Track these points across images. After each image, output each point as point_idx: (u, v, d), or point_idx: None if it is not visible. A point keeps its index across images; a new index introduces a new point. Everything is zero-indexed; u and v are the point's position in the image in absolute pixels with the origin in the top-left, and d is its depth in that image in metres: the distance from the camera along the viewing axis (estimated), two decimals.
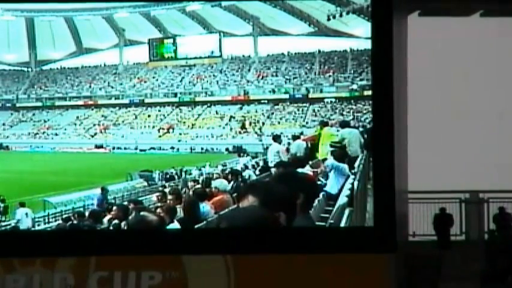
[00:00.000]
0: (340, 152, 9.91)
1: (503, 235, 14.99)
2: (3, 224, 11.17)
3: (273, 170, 10.83)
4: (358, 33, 12.01)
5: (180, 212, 8.87)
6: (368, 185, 7.80)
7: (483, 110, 15.83)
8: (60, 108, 17.98)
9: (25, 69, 17.29)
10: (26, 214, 10.80)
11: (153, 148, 17.16)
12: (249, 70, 16.97)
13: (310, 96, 15.94)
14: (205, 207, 9.26)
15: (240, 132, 16.60)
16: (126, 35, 16.59)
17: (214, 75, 17.25)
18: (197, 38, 15.76)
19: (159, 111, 17.70)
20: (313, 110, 15.76)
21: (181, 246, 6.52)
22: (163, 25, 15.93)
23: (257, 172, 12.73)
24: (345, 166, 9.22)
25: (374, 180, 6.63)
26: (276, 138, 12.39)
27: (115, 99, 17.91)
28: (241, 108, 16.95)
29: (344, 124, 11.65)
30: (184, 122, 17.40)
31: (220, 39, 15.40)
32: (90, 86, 17.87)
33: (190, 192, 10.24)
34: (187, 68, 17.18)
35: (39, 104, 17.96)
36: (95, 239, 6.72)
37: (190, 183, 12.07)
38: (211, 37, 15.43)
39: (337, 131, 11.23)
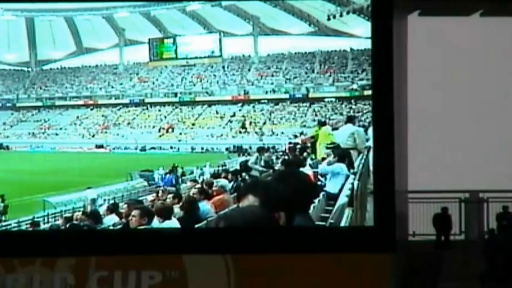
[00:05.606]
0: (339, 152, 9.89)
1: (504, 235, 14.98)
2: (3, 224, 11.16)
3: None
4: (358, 33, 12.00)
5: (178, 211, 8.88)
6: (368, 185, 7.80)
7: (483, 109, 15.83)
8: (60, 108, 17.96)
9: (25, 69, 17.28)
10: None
11: (153, 148, 17.15)
12: (249, 70, 16.95)
13: (310, 96, 15.92)
14: (205, 206, 9.26)
15: (240, 132, 16.60)
16: (126, 35, 16.58)
17: (214, 75, 17.24)
18: (197, 38, 15.75)
19: (159, 111, 17.68)
20: (313, 110, 15.75)
21: (181, 246, 6.52)
22: (163, 25, 15.92)
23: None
24: (341, 166, 9.15)
25: (374, 180, 6.64)
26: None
27: (115, 99, 17.89)
28: (241, 108, 16.94)
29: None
30: (185, 122, 17.39)
31: (220, 39, 15.38)
32: (90, 86, 17.86)
33: (191, 192, 10.23)
34: (188, 68, 17.17)
35: (39, 103, 17.94)
36: (95, 239, 6.72)
37: (189, 183, 12.07)
38: (212, 37, 15.42)
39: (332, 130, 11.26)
